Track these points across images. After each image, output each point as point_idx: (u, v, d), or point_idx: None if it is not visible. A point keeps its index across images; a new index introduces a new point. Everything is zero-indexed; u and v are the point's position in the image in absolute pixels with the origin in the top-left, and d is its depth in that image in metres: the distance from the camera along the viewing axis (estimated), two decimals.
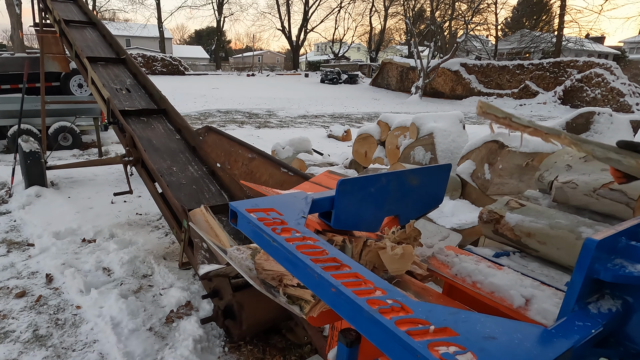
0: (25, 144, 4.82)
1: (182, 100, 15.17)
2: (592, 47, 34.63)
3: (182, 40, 66.47)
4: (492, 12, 31.37)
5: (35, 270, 3.28)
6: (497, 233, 1.35)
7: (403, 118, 4.44)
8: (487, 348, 0.60)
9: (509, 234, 1.30)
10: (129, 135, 3.66)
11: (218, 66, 42.98)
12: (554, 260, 1.23)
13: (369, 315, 0.65)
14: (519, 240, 1.28)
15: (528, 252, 1.29)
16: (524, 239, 1.26)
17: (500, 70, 22.24)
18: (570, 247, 1.16)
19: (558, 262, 1.21)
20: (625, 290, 0.78)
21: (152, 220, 4.38)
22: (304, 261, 0.80)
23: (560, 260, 1.20)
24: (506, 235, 1.32)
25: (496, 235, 1.36)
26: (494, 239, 1.39)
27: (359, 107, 17.68)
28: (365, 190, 1.19)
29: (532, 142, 2.77)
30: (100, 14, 35.90)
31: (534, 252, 1.26)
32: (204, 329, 2.50)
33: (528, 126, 1.20)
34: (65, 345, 2.44)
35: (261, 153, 3.57)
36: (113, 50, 5.41)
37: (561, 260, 1.19)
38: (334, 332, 1.48)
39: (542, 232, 1.23)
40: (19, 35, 15.12)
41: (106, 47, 5.44)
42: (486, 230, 1.39)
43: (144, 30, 40.03)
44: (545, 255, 1.24)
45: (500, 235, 1.34)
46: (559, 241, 1.19)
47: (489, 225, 1.36)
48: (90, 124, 7.69)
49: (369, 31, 45.04)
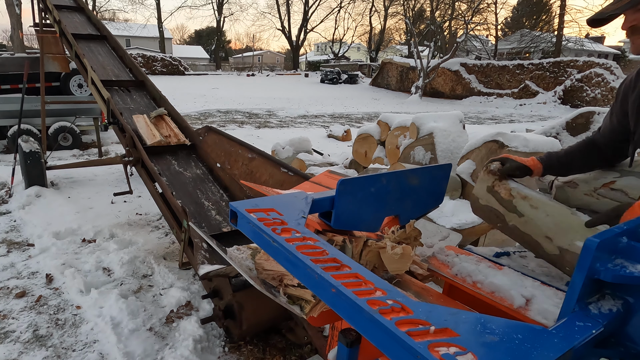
0: (25, 144, 4.82)
1: (182, 100, 15.17)
2: (592, 47, 34.65)
3: (182, 40, 66.50)
4: (492, 12, 31.41)
5: (35, 270, 3.28)
6: (490, 191, 1.31)
7: (403, 118, 4.44)
8: (487, 348, 0.60)
9: (504, 194, 1.26)
10: (129, 135, 3.66)
11: (218, 66, 42.99)
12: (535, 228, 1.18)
13: (369, 316, 0.65)
14: (510, 201, 1.24)
15: (510, 219, 1.23)
16: (517, 200, 1.23)
17: (500, 70, 22.25)
18: (561, 217, 1.15)
19: (539, 230, 1.17)
20: (625, 291, 0.78)
21: (152, 220, 4.38)
22: (304, 261, 0.80)
23: (542, 228, 1.16)
24: (500, 193, 1.26)
25: (487, 194, 1.30)
26: (481, 197, 1.32)
27: (359, 107, 17.68)
28: (365, 190, 1.19)
29: (532, 142, 2.77)
30: (100, 14, 35.90)
31: (518, 219, 1.21)
32: (204, 329, 2.50)
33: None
34: (65, 345, 2.44)
35: (261, 153, 3.56)
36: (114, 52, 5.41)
37: (543, 227, 1.15)
38: (334, 332, 1.48)
39: (539, 199, 1.21)
40: (19, 35, 15.12)
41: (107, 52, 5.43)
42: (480, 185, 1.33)
43: (144, 30, 40.02)
44: (529, 221, 1.19)
45: (492, 193, 1.29)
46: (552, 209, 1.17)
47: (490, 178, 1.32)
48: (90, 124, 7.69)
49: (369, 31, 45.06)
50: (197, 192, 3.45)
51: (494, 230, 2.73)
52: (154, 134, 3.77)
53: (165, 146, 3.81)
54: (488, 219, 1.35)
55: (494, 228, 1.37)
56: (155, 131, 3.80)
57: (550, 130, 3.97)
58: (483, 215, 1.37)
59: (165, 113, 4.21)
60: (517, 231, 1.24)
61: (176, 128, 4.05)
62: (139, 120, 3.98)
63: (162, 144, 3.75)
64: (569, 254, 1.11)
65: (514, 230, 1.25)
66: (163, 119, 4.13)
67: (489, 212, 1.32)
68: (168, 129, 4.01)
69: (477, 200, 1.35)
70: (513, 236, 1.27)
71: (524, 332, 0.66)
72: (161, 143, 3.74)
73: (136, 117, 4.02)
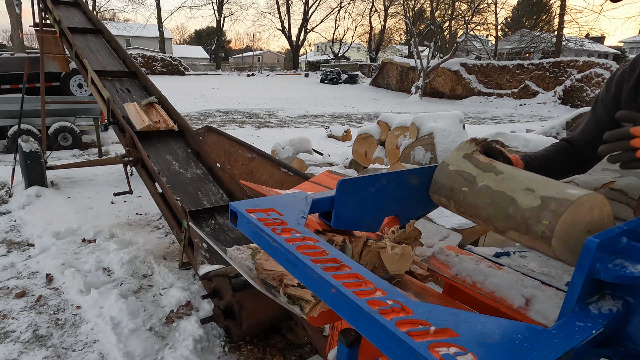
0: (25, 144, 4.82)
1: (182, 100, 15.17)
2: (592, 47, 34.67)
3: (182, 40, 66.54)
4: (492, 12, 31.43)
5: (35, 270, 3.28)
6: (467, 157, 1.18)
7: (403, 118, 4.44)
8: (487, 349, 0.60)
9: (483, 159, 1.15)
10: (129, 135, 3.66)
11: (218, 66, 43.01)
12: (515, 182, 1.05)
13: (369, 316, 0.65)
14: (489, 163, 1.12)
15: (483, 179, 1.10)
16: (497, 163, 1.12)
17: (500, 70, 22.25)
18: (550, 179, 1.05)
19: (519, 184, 1.03)
20: (625, 291, 0.78)
21: (152, 220, 4.38)
22: (304, 262, 0.80)
23: (523, 181, 1.03)
24: (478, 159, 1.16)
25: (462, 159, 1.18)
26: (453, 164, 1.19)
27: (359, 107, 17.68)
28: (365, 190, 1.19)
29: (532, 142, 2.77)
30: (100, 14, 35.90)
31: (494, 177, 1.08)
32: (204, 329, 2.50)
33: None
34: (65, 345, 2.44)
35: (261, 153, 3.57)
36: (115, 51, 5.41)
37: (526, 180, 1.03)
38: (334, 332, 1.48)
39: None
40: (19, 35, 15.11)
41: (107, 49, 5.43)
42: (456, 153, 1.21)
43: (144, 30, 40.04)
44: (508, 177, 1.06)
45: (469, 158, 1.17)
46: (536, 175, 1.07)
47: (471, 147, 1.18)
48: (90, 124, 7.69)
49: (369, 31, 45.10)
50: (198, 193, 3.45)
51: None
52: (143, 120, 3.93)
53: (154, 131, 3.98)
54: (448, 187, 1.17)
55: (450, 199, 1.17)
56: (144, 117, 3.99)
57: (550, 130, 3.97)
58: (443, 182, 1.20)
59: (155, 101, 4.37)
60: (487, 191, 1.07)
61: (165, 115, 4.22)
62: (129, 107, 4.16)
63: (152, 128, 3.93)
64: (554, 202, 0.92)
65: (481, 191, 1.08)
66: (154, 106, 4.29)
67: (455, 176, 1.16)
68: (158, 115, 4.18)
69: (447, 166, 1.19)
70: (478, 200, 1.09)
71: (524, 332, 0.66)
72: (150, 128, 3.91)
73: (127, 105, 4.20)
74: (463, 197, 1.12)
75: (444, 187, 1.19)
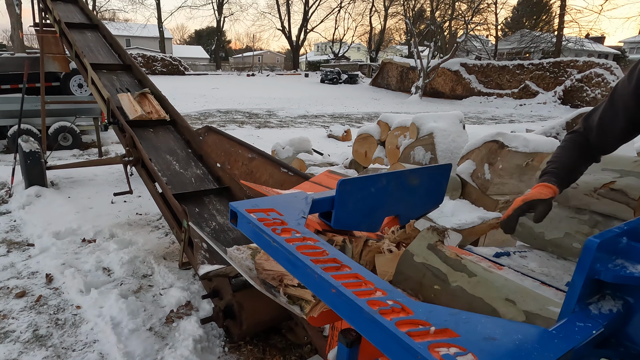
0: (25, 144, 4.82)
1: (182, 100, 15.17)
2: (592, 47, 34.66)
3: (182, 40, 66.49)
4: (492, 12, 31.41)
5: (35, 270, 3.28)
6: (431, 248, 1.12)
7: (403, 118, 4.44)
8: (487, 349, 0.60)
9: (450, 253, 1.09)
10: (129, 135, 3.66)
11: (218, 66, 42.99)
12: (491, 289, 0.98)
13: (369, 316, 0.65)
14: (458, 260, 1.07)
15: (455, 278, 1.04)
16: (466, 260, 1.07)
17: (500, 70, 22.25)
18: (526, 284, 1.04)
19: (497, 292, 0.97)
20: (625, 291, 0.78)
21: (152, 220, 4.38)
22: (304, 262, 0.80)
23: (501, 289, 0.97)
24: (444, 252, 1.10)
25: (427, 250, 1.12)
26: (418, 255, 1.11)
27: (359, 107, 17.68)
28: (365, 190, 1.19)
29: (532, 142, 2.77)
30: (100, 14, 35.90)
31: (467, 278, 1.03)
32: (204, 329, 2.50)
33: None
34: (65, 345, 2.44)
35: (261, 153, 3.56)
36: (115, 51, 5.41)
37: (504, 289, 0.97)
38: (334, 332, 1.48)
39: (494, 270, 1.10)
40: (19, 35, 15.11)
41: (107, 49, 5.44)
42: (419, 242, 1.14)
43: (144, 30, 40.01)
44: (482, 282, 1.01)
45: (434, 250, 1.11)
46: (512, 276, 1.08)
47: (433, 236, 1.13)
48: (90, 124, 7.69)
49: (369, 31, 45.09)
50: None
51: (494, 230, 2.73)
52: (136, 109, 4.07)
53: (147, 121, 4.13)
54: (416, 280, 1.08)
55: (418, 294, 1.08)
56: (137, 107, 4.13)
57: (550, 130, 3.97)
58: (410, 275, 1.10)
59: (148, 92, 4.49)
60: (463, 294, 1.00)
61: (158, 105, 4.36)
62: (123, 98, 4.29)
63: (144, 118, 4.09)
64: (540, 321, 0.86)
65: (456, 293, 1.01)
66: (146, 97, 4.42)
67: (422, 270, 1.08)
68: (150, 105, 4.31)
69: (412, 257, 1.11)
70: (453, 302, 1.01)
71: (524, 333, 0.66)
72: (142, 117, 4.07)
73: (121, 96, 4.33)
74: (435, 295, 1.05)
75: (411, 279, 1.10)
